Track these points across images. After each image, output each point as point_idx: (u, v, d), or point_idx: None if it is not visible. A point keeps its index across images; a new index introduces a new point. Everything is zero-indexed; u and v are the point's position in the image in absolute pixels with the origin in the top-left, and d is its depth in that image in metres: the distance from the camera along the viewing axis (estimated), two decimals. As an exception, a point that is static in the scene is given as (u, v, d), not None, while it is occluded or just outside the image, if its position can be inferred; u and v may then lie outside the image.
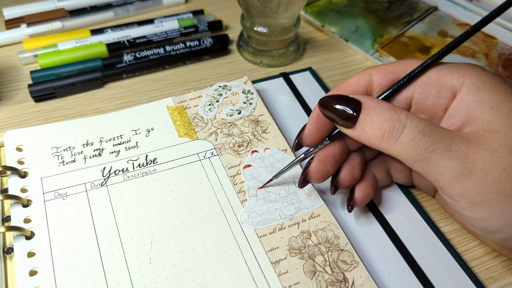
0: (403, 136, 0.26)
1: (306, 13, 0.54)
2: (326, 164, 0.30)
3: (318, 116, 0.30)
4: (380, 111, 0.27)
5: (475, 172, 0.24)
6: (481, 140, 0.25)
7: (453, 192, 0.25)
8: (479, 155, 0.25)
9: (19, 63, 0.46)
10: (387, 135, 0.26)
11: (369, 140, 0.27)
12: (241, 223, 0.31)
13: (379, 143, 0.27)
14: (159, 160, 0.35)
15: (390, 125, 0.26)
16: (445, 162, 0.25)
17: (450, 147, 0.25)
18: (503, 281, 0.31)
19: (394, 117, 0.26)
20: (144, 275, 0.29)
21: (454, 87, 0.27)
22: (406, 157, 0.26)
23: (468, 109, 0.27)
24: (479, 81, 0.27)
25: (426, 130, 0.25)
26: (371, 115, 0.27)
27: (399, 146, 0.26)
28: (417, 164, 0.26)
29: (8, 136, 0.36)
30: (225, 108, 0.39)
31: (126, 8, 0.53)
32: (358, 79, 0.30)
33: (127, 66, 0.45)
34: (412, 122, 0.26)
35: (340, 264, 0.29)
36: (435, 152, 0.25)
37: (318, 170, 0.30)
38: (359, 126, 0.27)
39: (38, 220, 0.31)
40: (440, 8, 0.55)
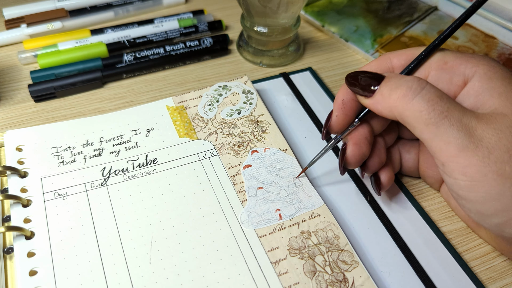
0: (419, 97, 0.26)
1: (306, 13, 0.54)
2: (361, 146, 0.31)
3: (344, 102, 0.31)
4: (400, 77, 0.28)
5: (479, 148, 0.25)
6: (490, 120, 0.25)
7: (455, 167, 0.25)
8: (486, 133, 0.25)
9: (19, 63, 0.46)
10: (404, 93, 0.27)
11: (384, 104, 0.28)
12: (241, 223, 0.31)
13: (394, 102, 0.27)
14: (159, 160, 0.35)
15: (408, 85, 0.27)
16: (454, 131, 0.25)
17: (462, 118, 0.25)
18: (503, 281, 0.31)
19: (414, 79, 0.27)
20: (144, 275, 0.29)
21: (466, 76, 0.28)
22: (418, 118, 0.26)
23: (477, 95, 0.27)
24: (491, 71, 0.27)
25: (444, 97, 0.26)
26: (391, 80, 0.28)
27: (415, 105, 0.26)
28: (427, 129, 0.26)
29: (8, 136, 0.36)
30: (225, 108, 0.39)
31: (126, 8, 0.53)
32: (379, 63, 0.31)
33: (127, 66, 0.45)
34: (431, 87, 0.26)
35: (340, 264, 0.29)
36: (448, 119, 0.25)
37: (355, 154, 0.31)
38: (378, 92, 0.28)
39: (38, 220, 0.31)
40: (440, 8, 0.55)
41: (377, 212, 0.33)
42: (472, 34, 0.51)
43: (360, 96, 0.30)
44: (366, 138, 0.31)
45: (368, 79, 0.29)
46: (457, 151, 0.25)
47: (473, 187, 0.25)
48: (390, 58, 0.31)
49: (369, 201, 0.34)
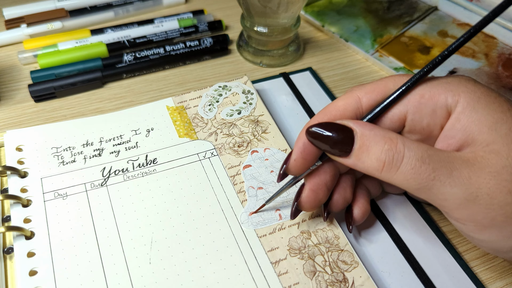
0: (402, 167, 0.25)
1: (306, 13, 0.54)
2: (318, 193, 0.29)
3: (304, 145, 0.28)
4: (376, 140, 0.26)
5: (480, 197, 0.24)
6: (482, 163, 0.24)
7: (460, 217, 0.25)
8: (482, 179, 0.24)
9: (19, 63, 0.46)
10: (386, 166, 0.25)
11: (367, 170, 0.26)
12: (241, 223, 0.31)
13: (378, 173, 0.26)
14: (159, 160, 0.35)
15: (389, 156, 0.25)
16: (448, 189, 0.24)
17: (452, 172, 0.24)
18: (503, 281, 0.31)
19: (392, 146, 0.25)
20: (144, 275, 0.29)
21: (449, 106, 0.26)
22: (407, 186, 0.25)
23: (465, 130, 0.26)
24: (473, 99, 0.26)
25: (425, 157, 0.24)
26: (367, 145, 0.26)
27: (400, 176, 0.25)
28: (420, 193, 0.25)
29: (8, 136, 0.36)
30: (225, 108, 0.39)
31: (126, 8, 0.53)
32: (346, 102, 0.29)
33: (127, 66, 0.45)
34: (410, 151, 0.25)
35: (340, 264, 0.29)
36: (437, 180, 0.24)
37: (310, 200, 0.29)
38: (354, 155, 0.26)
39: (38, 220, 0.31)
40: (440, 8, 0.55)
41: (376, 212, 0.33)
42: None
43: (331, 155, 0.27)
44: (325, 184, 0.29)
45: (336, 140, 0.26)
46: (457, 205, 0.24)
47: (484, 230, 0.25)
48: (359, 98, 0.29)
49: (369, 201, 0.34)
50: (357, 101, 0.29)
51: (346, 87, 0.45)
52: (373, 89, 0.29)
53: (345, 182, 0.31)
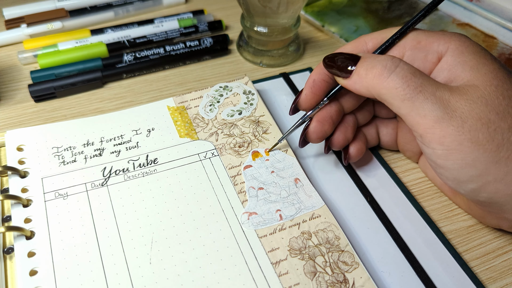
0: (394, 74, 0.27)
1: (306, 13, 0.54)
2: (324, 124, 0.32)
3: (314, 82, 0.32)
4: (375, 56, 0.29)
5: (454, 119, 0.26)
6: (462, 91, 0.27)
7: (432, 138, 0.27)
8: (459, 103, 0.26)
9: (19, 63, 0.46)
10: (379, 72, 0.28)
11: (361, 84, 0.29)
12: (242, 223, 0.31)
13: (370, 82, 0.28)
14: (159, 160, 0.35)
15: (383, 64, 0.28)
16: (429, 105, 0.26)
17: (436, 92, 0.27)
18: (503, 281, 0.31)
19: (388, 58, 0.28)
20: (144, 275, 0.29)
21: (439, 52, 0.29)
22: (394, 95, 0.27)
23: (450, 69, 0.29)
24: (462, 45, 0.29)
25: (417, 73, 0.27)
26: (367, 60, 0.29)
27: (390, 83, 0.27)
28: (404, 105, 0.27)
29: (9, 136, 0.36)
30: (226, 108, 0.39)
31: (126, 8, 0.53)
32: (355, 45, 0.32)
33: (127, 66, 0.45)
34: (405, 65, 0.28)
35: (340, 265, 0.29)
36: (422, 94, 0.27)
37: (317, 130, 0.33)
38: (355, 73, 0.29)
39: (39, 220, 0.31)
40: (440, 8, 0.55)
41: (377, 212, 0.33)
42: (472, 34, 0.51)
43: (338, 77, 0.31)
44: (330, 117, 0.33)
45: (345, 60, 0.30)
46: (433, 122, 0.26)
47: (450, 155, 0.26)
48: (366, 41, 0.32)
49: (369, 201, 0.34)
50: (364, 45, 0.32)
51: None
52: (379, 35, 0.32)
53: (347, 122, 0.34)
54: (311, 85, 0.32)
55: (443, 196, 0.35)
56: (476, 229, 0.34)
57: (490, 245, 0.33)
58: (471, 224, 0.34)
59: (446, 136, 0.26)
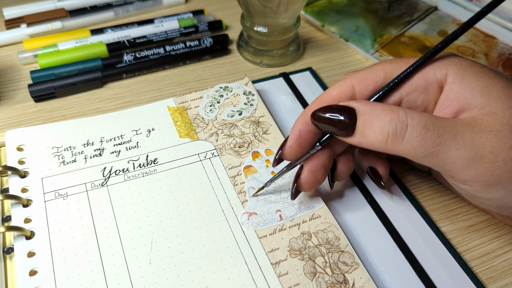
0: (408, 135, 0.26)
1: (306, 13, 0.54)
2: (316, 174, 0.30)
3: (300, 132, 0.29)
4: (378, 114, 0.26)
5: (485, 156, 0.25)
6: (482, 124, 0.25)
7: (467, 178, 0.26)
8: (484, 139, 0.25)
9: (19, 63, 0.46)
10: (391, 137, 0.26)
11: (372, 144, 0.27)
12: (242, 223, 0.31)
13: (384, 146, 0.26)
14: (159, 160, 0.35)
15: (393, 127, 0.26)
16: (454, 152, 0.25)
17: (456, 136, 0.25)
18: (503, 281, 0.31)
19: (394, 117, 0.26)
20: (144, 276, 0.29)
21: (439, 81, 0.28)
22: (414, 154, 0.26)
23: (458, 97, 0.27)
24: (460, 69, 0.27)
25: (429, 124, 0.25)
26: (369, 120, 0.27)
27: (406, 145, 0.26)
28: (427, 159, 0.26)
29: (9, 136, 0.36)
30: (226, 109, 0.39)
31: (126, 8, 0.53)
32: (340, 91, 0.30)
33: (127, 66, 0.45)
34: (414, 119, 0.26)
35: (340, 265, 0.29)
36: (443, 145, 0.25)
37: (309, 181, 0.30)
38: (358, 133, 0.27)
39: (39, 220, 0.31)
40: (440, 8, 0.55)
41: (377, 212, 0.33)
42: (472, 34, 0.51)
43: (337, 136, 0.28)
44: (322, 165, 0.30)
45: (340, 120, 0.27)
46: (464, 166, 0.25)
47: (490, 189, 0.26)
48: (352, 85, 0.30)
49: (369, 202, 0.34)
50: (351, 89, 0.30)
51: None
52: (365, 77, 0.30)
53: (347, 155, 0.32)
54: (296, 137, 0.29)
55: (443, 196, 0.35)
56: (476, 229, 0.34)
57: (490, 245, 0.33)
58: (471, 224, 0.34)
59: (482, 174, 0.25)
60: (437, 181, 0.36)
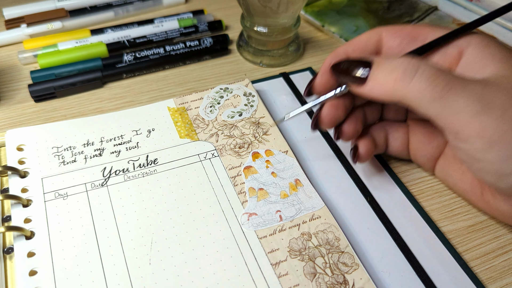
0: (418, 76, 0.26)
1: (306, 13, 0.54)
2: (338, 108, 0.31)
3: (331, 65, 0.31)
4: (390, 59, 0.27)
5: (493, 109, 0.24)
6: (495, 82, 0.25)
7: (470, 133, 0.25)
8: (494, 94, 0.25)
9: (19, 63, 0.46)
10: (400, 75, 0.26)
11: (380, 89, 0.27)
12: (242, 224, 0.31)
13: (391, 87, 0.26)
14: (159, 160, 0.35)
15: (403, 67, 0.26)
16: (463, 100, 0.25)
17: (466, 86, 0.25)
18: (503, 281, 0.31)
19: (406, 60, 0.26)
20: (143, 276, 0.29)
21: (460, 46, 0.28)
22: (422, 97, 0.26)
23: (478, 61, 0.27)
24: (485, 40, 0.28)
25: (442, 71, 0.26)
26: (382, 65, 0.27)
27: (415, 86, 0.26)
28: (434, 105, 0.26)
29: (9, 136, 0.36)
30: (226, 110, 0.39)
31: (126, 8, 0.53)
32: (369, 35, 0.31)
33: (127, 66, 0.45)
34: (426, 64, 0.26)
35: (340, 266, 0.29)
36: (453, 91, 0.25)
37: (330, 114, 0.31)
38: (370, 79, 0.28)
39: (38, 220, 0.31)
40: (440, 8, 0.55)
41: (377, 212, 0.33)
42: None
43: (351, 86, 0.29)
44: (343, 103, 0.31)
45: (355, 66, 0.28)
46: (470, 117, 0.25)
47: (492, 147, 0.25)
48: (380, 32, 0.31)
49: (369, 202, 0.34)
50: (379, 34, 0.31)
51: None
52: (393, 27, 0.31)
53: (357, 114, 0.33)
54: (327, 69, 0.31)
55: (443, 196, 0.35)
56: (476, 229, 0.34)
57: (490, 245, 0.33)
58: (471, 224, 0.34)
59: (487, 129, 0.25)
60: (437, 181, 0.36)
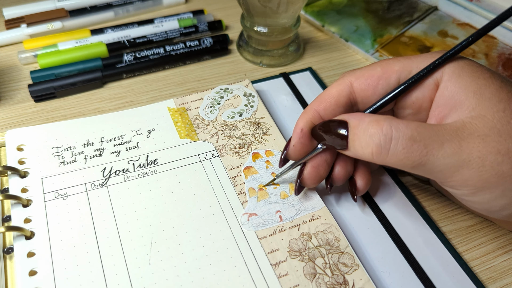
0: (393, 148, 0.26)
1: (306, 13, 0.54)
2: (319, 169, 0.31)
3: (302, 131, 0.30)
4: (364, 127, 0.27)
5: (472, 162, 0.25)
6: (471, 129, 0.25)
7: (454, 184, 0.26)
8: (472, 144, 0.25)
9: (19, 63, 0.46)
10: (376, 150, 0.26)
11: (362, 157, 0.27)
12: (242, 224, 0.31)
13: (371, 159, 0.27)
14: (159, 160, 0.35)
15: (376, 140, 0.26)
16: (441, 161, 0.25)
17: (443, 144, 0.25)
18: (503, 281, 0.31)
19: (378, 130, 0.26)
20: (143, 276, 0.29)
21: (435, 78, 0.28)
22: (402, 166, 0.26)
23: (452, 96, 0.27)
24: (458, 68, 0.28)
25: (415, 135, 0.25)
26: (357, 134, 0.27)
27: (392, 158, 0.26)
28: (416, 170, 0.26)
29: (9, 136, 0.36)
30: (226, 110, 0.39)
31: (126, 8, 0.53)
32: (339, 89, 0.30)
33: (127, 66, 0.45)
34: (399, 131, 0.25)
35: (340, 266, 0.29)
36: (430, 155, 0.25)
37: (312, 176, 0.31)
38: (351, 146, 0.28)
39: (38, 220, 0.31)
40: (440, 8, 0.55)
41: (376, 212, 0.33)
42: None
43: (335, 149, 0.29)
44: (325, 161, 0.31)
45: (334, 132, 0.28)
46: (451, 173, 0.26)
47: (477, 193, 0.26)
48: (351, 83, 0.30)
49: (369, 202, 0.34)
50: (349, 86, 0.30)
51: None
52: (362, 74, 0.30)
53: (345, 156, 0.32)
54: (299, 136, 0.30)
55: (443, 196, 0.35)
56: (476, 229, 0.34)
57: (490, 245, 0.33)
58: (471, 224, 0.34)
59: (469, 180, 0.25)
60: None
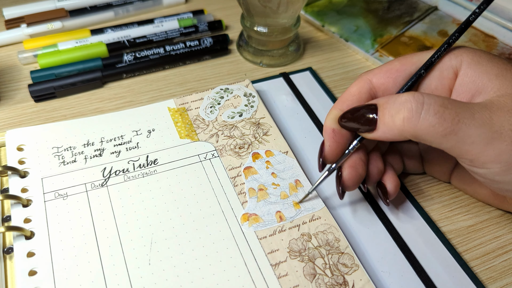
0: (424, 113, 0.25)
1: (306, 13, 0.54)
2: (357, 168, 0.30)
3: (334, 131, 0.30)
4: (394, 100, 0.27)
5: (505, 134, 0.25)
6: (499, 105, 0.26)
7: (486, 159, 0.26)
8: (503, 118, 0.25)
9: (19, 63, 0.46)
10: (407, 116, 0.26)
11: (392, 131, 0.27)
12: (241, 224, 0.31)
13: (401, 128, 0.26)
14: (159, 161, 0.35)
15: (408, 106, 0.26)
16: (474, 130, 0.25)
17: (474, 115, 0.25)
18: (503, 281, 0.31)
19: (409, 97, 0.26)
20: (143, 276, 0.29)
21: (454, 67, 0.29)
22: (433, 133, 0.26)
23: (474, 81, 0.28)
24: (475, 56, 0.28)
25: (447, 103, 0.26)
26: (387, 107, 0.27)
27: (424, 123, 0.26)
28: (446, 139, 0.26)
29: (9, 136, 0.36)
30: (226, 110, 0.39)
31: (126, 8, 0.53)
32: (359, 86, 0.31)
33: (127, 66, 0.45)
34: (430, 98, 0.26)
35: (340, 267, 0.29)
36: (462, 122, 0.25)
37: (352, 176, 0.30)
38: (380, 123, 0.27)
39: (38, 220, 0.31)
40: (440, 8, 0.55)
41: (377, 212, 0.33)
42: (472, 34, 0.51)
43: (363, 133, 0.29)
44: (361, 159, 0.31)
45: (362, 113, 0.28)
46: (483, 146, 0.25)
47: (509, 170, 0.25)
48: (369, 79, 0.31)
49: (369, 202, 0.34)
50: (369, 82, 0.31)
51: (346, 87, 0.45)
52: (380, 70, 0.31)
53: (374, 155, 0.32)
54: (331, 135, 0.30)
55: (443, 196, 0.35)
56: (476, 229, 0.34)
57: (490, 245, 0.33)
58: (471, 224, 0.34)
59: (502, 154, 0.25)
60: (438, 181, 0.36)
